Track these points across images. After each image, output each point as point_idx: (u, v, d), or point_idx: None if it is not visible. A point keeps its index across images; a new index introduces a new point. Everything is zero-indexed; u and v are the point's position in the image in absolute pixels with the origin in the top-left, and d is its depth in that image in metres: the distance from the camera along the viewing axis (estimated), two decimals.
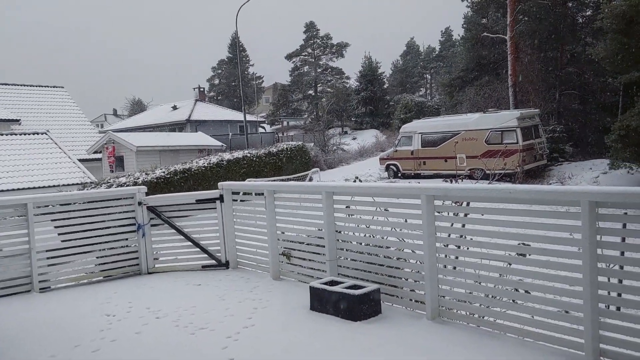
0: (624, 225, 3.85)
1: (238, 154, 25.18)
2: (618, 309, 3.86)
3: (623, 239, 3.80)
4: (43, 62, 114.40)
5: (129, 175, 20.74)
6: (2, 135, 21.76)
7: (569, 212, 3.87)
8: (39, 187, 19.02)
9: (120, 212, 7.27)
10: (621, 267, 3.80)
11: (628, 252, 3.70)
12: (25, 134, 22.51)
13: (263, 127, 52.51)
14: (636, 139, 16.95)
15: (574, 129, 26.48)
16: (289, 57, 62.01)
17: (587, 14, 28.90)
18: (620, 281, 3.78)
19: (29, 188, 18.61)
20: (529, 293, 4.16)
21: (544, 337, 3.92)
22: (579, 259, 3.65)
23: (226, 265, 7.26)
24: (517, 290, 4.27)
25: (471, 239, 4.51)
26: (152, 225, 7.38)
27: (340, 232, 5.70)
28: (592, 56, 21.00)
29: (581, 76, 28.12)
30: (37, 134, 22.76)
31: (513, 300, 4.27)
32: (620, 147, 17.34)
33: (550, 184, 19.42)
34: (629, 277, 3.63)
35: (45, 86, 33.08)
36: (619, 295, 3.75)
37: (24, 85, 32.08)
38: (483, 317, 4.43)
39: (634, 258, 3.61)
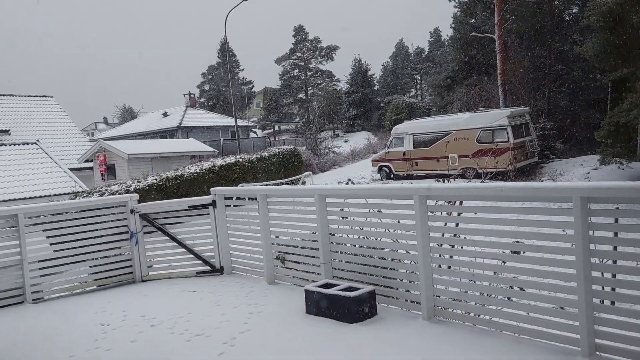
0: (616, 220, 3.87)
1: (230, 159, 25.12)
2: (612, 303, 3.88)
3: (615, 234, 3.82)
4: (31, 72, 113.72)
5: (120, 183, 20.62)
6: None
7: (561, 208, 3.89)
8: (30, 198, 18.88)
9: (113, 221, 7.23)
10: (614, 262, 3.82)
11: (620, 247, 3.72)
12: (15, 145, 22.36)
13: (254, 132, 52.46)
14: (625, 135, 17.11)
15: (564, 126, 26.66)
16: (278, 61, 62.06)
17: (574, 11, 29.16)
18: (613, 275, 3.79)
19: (19, 199, 18.47)
20: (524, 290, 4.17)
21: (540, 333, 3.93)
22: (573, 254, 3.66)
23: (220, 270, 7.23)
24: (511, 287, 4.28)
25: (465, 238, 4.51)
26: (145, 233, 7.34)
27: (334, 234, 5.70)
28: (581, 54, 21.17)
29: (570, 74, 28.34)
30: (27, 144, 22.62)
31: (508, 298, 4.28)
32: (610, 143, 17.49)
33: (542, 181, 19.54)
34: (622, 272, 3.65)
35: (34, 96, 32.86)
36: (613, 289, 3.77)
37: (13, 95, 31.86)
38: (479, 316, 4.44)
39: (626, 252, 3.64)
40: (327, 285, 5.13)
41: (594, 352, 3.59)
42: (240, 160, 25.18)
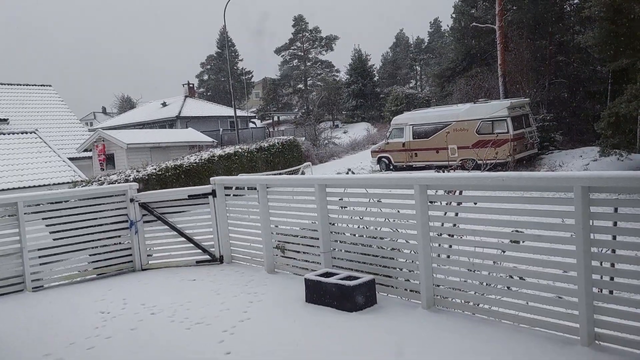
0: (616, 210, 3.87)
1: (229, 149, 25.09)
2: (611, 292, 3.89)
3: (615, 223, 3.82)
4: (29, 61, 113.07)
5: (120, 173, 20.59)
6: None
7: (562, 198, 3.89)
8: (29, 187, 18.86)
9: (112, 210, 7.23)
10: (613, 251, 3.83)
11: (620, 236, 3.72)
12: (13, 134, 22.29)
13: (253, 122, 52.33)
14: (625, 126, 17.09)
15: (564, 118, 26.62)
16: (278, 51, 61.78)
17: (575, 2, 29.01)
18: (612, 265, 3.80)
19: (18, 188, 18.45)
20: (524, 280, 4.18)
21: (539, 322, 3.95)
22: (573, 244, 3.66)
23: (220, 260, 7.24)
24: (511, 277, 4.28)
25: (464, 227, 4.51)
26: (144, 222, 7.34)
27: (333, 224, 5.70)
28: (581, 44, 21.08)
29: (570, 65, 28.26)
30: (26, 133, 22.55)
31: (507, 287, 4.29)
32: (610, 134, 17.47)
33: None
34: (622, 261, 3.65)
35: (32, 85, 32.72)
36: (612, 278, 3.77)
37: (11, 85, 31.71)
38: (478, 305, 4.45)
39: (625, 242, 3.64)
40: (327, 275, 5.14)
41: (593, 341, 3.60)
42: (240, 150, 25.14)
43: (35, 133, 22.63)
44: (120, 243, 7.28)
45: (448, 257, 4.75)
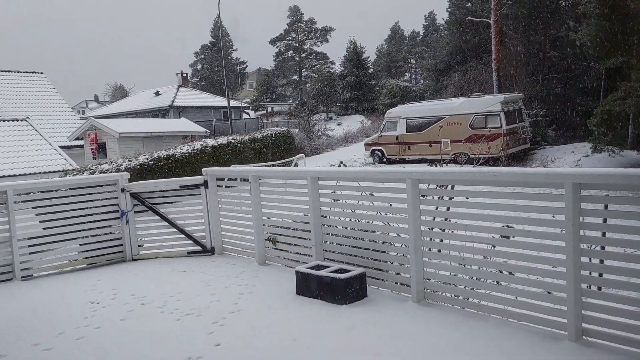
0: (606, 207, 3.89)
1: (222, 140, 24.98)
2: (599, 288, 3.92)
3: (604, 220, 3.84)
4: (20, 47, 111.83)
5: (111, 162, 20.45)
6: None
7: (552, 194, 3.90)
8: (20, 175, 18.70)
9: (103, 199, 7.19)
10: (602, 248, 3.85)
11: (609, 233, 3.75)
12: (4, 121, 22.06)
13: (247, 113, 52.15)
14: (617, 123, 17.18)
15: (557, 113, 26.70)
16: (272, 41, 61.46)
17: None
18: (601, 261, 3.83)
19: (9, 176, 18.29)
20: (513, 275, 4.21)
21: (528, 317, 3.97)
22: (563, 240, 3.68)
23: (211, 251, 7.23)
24: (501, 272, 4.31)
25: (456, 222, 4.53)
26: (135, 212, 7.31)
27: (325, 217, 5.70)
28: (576, 42, 21.11)
29: (564, 60, 28.30)
30: (17, 120, 22.34)
31: (497, 282, 4.31)
32: (602, 130, 17.55)
33: (534, 167, 19.62)
34: (610, 257, 3.68)
35: (23, 72, 32.34)
36: (600, 275, 3.80)
37: (2, 71, 31.33)
38: (467, 299, 4.47)
39: (614, 239, 3.67)
40: (318, 267, 5.14)
41: (580, 337, 3.63)
42: (233, 141, 25.05)
43: (26, 120, 22.43)
44: (110, 233, 7.25)
45: (439, 251, 4.77)
